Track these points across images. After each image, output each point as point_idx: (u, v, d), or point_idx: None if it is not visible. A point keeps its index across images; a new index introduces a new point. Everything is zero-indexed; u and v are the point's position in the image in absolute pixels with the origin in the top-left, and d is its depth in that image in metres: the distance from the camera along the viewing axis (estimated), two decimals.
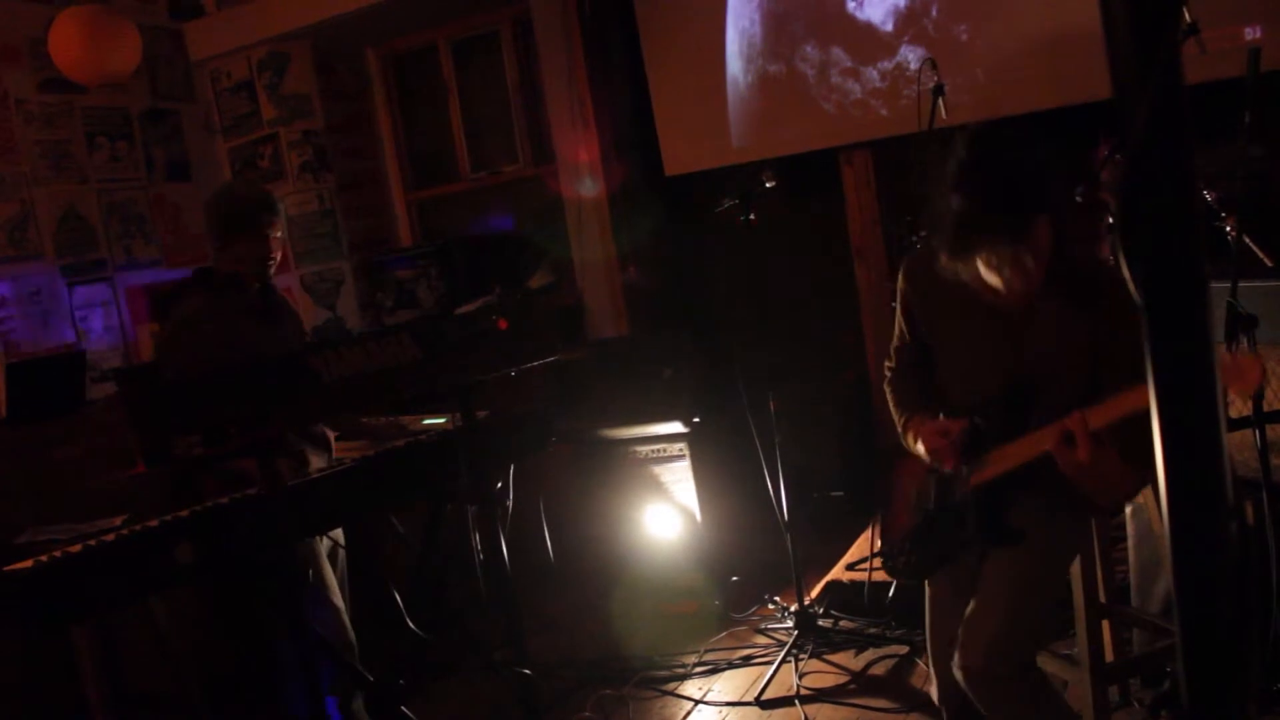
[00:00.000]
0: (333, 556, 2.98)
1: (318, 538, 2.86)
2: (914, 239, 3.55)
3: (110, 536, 2.04)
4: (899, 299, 2.38)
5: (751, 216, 3.48)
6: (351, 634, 2.88)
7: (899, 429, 2.40)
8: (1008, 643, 2.10)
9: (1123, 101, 0.91)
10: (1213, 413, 0.93)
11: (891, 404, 2.44)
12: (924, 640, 3.37)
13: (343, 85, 5.55)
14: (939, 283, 2.16)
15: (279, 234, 2.97)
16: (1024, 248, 1.95)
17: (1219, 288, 2.24)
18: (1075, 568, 2.54)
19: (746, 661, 3.50)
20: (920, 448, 2.29)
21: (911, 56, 4.16)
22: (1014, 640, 2.11)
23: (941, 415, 2.29)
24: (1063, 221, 1.99)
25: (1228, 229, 2.75)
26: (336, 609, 2.85)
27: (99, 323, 4.93)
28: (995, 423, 2.16)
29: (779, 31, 4.48)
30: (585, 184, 4.92)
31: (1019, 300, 2.09)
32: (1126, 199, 0.92)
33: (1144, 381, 1.54)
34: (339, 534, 3.06)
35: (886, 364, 2.50)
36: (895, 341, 2.47)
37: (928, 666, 3.19)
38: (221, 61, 5.43)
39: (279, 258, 3.00)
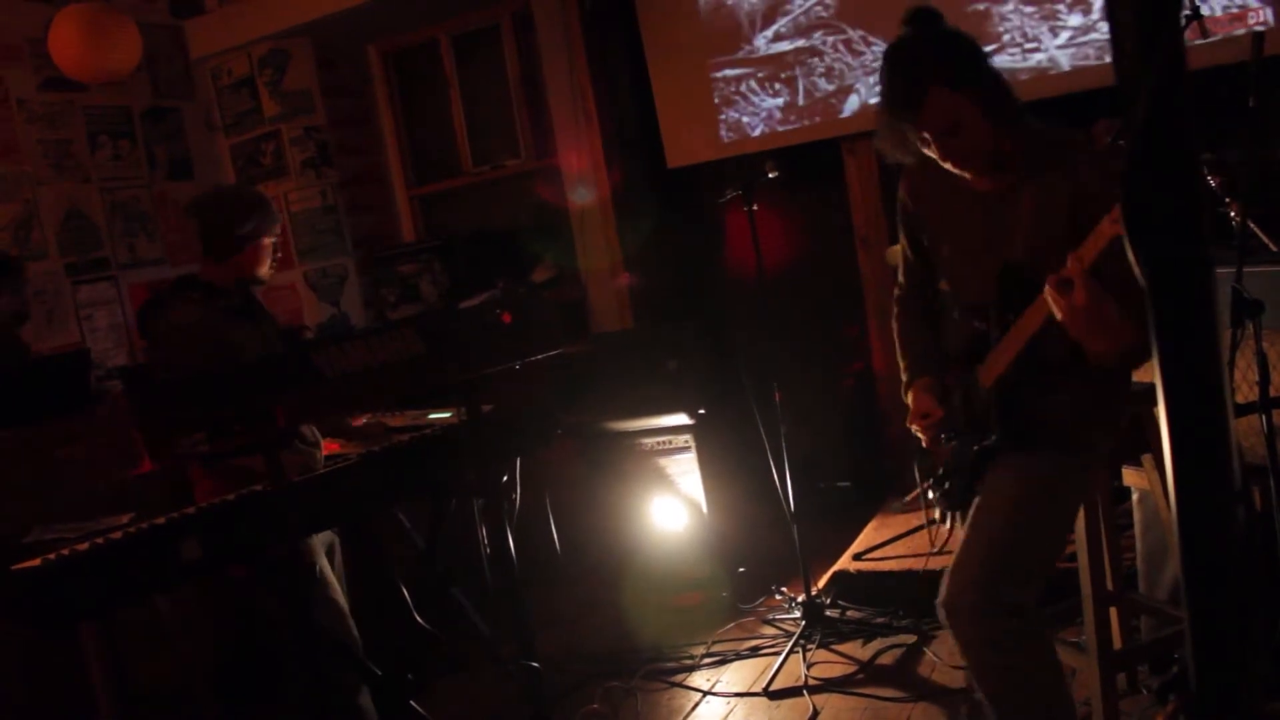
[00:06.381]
0: (330, 552, 2.99)
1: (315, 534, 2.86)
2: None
3: (117, 534, 2.04)
4: (899, 212, 2.38)
5: (754, 207, 3.48)
6: (355, 630, 2.88)
7: (901, 379, 2.42)
8: (992, 577, 1.98)
9: (1126, 88, 0.91)
10: (1219, 398, 0.93)
11: (897, 344, 2.45)
12: (932, 629, 3.39)
13: (344, 81, 5.55)
14: (933, 184, 2.23)
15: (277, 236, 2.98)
16: (929, 115, 1.99)
17: (1224, 273, 2.24)
18: (1082, 558, 2.53)
19: (754, 652, 3.50)
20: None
21: None
22: (999, 575, 1.99)
23: (931, 381, 2.32)
24: (991, 96, 2.01)
25: (1232, 214, 2.73)
26: (338, 605, 2.86)
27: (103, 321, 4.94)
28: (994, 319, 2.13)
29: (781, 19, 4.47)
30: (587, 177, 4.91)
31: (981, 176, 2.11)
32: (1130, 185, 0.92)
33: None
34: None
35: (895, 290, 2.49)
36: (901, 263, 2.46)
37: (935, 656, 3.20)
38: (222, 59, 5.42)
39: (278, 259, 3.01)
